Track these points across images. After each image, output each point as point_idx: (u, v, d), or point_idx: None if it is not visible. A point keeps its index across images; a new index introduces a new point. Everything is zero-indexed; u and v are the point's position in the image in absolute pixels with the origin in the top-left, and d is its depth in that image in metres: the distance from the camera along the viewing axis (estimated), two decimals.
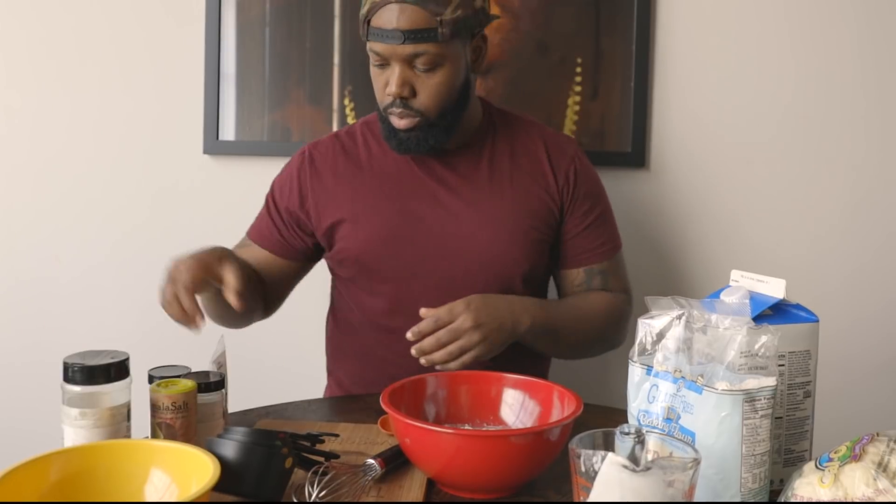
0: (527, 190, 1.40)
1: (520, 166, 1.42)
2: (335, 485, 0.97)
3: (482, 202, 1.39)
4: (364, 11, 1.29)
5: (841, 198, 1.83)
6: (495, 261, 1.38)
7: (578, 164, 1.44)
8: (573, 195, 1.42)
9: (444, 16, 1.25)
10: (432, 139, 1.34)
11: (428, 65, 1.28)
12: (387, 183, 1.41)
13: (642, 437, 0.80)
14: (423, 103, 1.31)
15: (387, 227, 1.39)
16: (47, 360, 1.54)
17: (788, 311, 1.00)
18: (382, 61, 1.30)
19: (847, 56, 1.80)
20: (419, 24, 1.25)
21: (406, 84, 1.29)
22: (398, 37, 1.25)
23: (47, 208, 1.91)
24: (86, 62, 1.88)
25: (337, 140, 1.48)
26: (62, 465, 0.89)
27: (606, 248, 1.45)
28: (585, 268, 1.44)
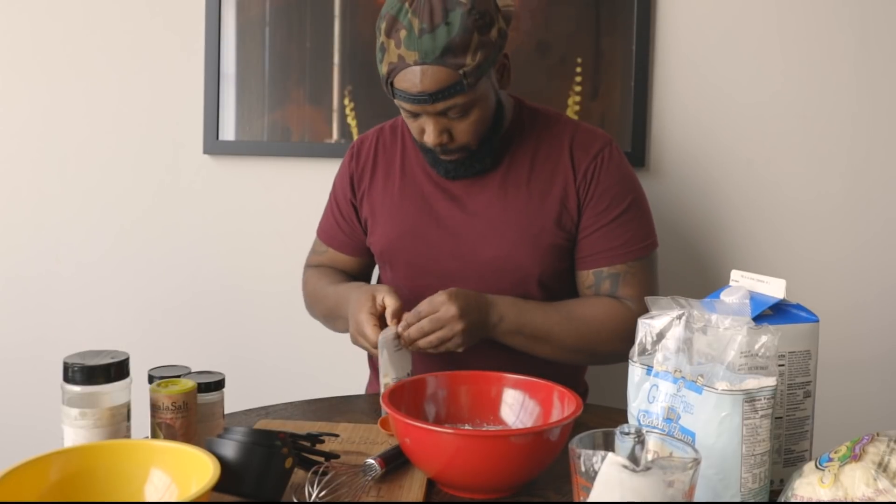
0: (542, 192, 1.39)
1: (539, 168, 1.40)
2: (335, 485, 0.97)
3: (494, 205, 1.39)
4: (384, 72, 1.27)
5: (841, 197, 1.83)
6: (505, 265, 1.38)
7: (601, 161, 1.39)
8: (589, 193, 1.38)
9: (467, 66, 1.23)
10: (479, 164, 1.37)
11: (460, 113, 1.28)
12: (413, 181, 1.43)
13: (642, 437, 0.80)
14: (463, 142, 1.32)
15: (406, 225, 1.42)
16: (47, 359, 1.54)
17: (788, 311, 1.00)
18: (413, 114, 1.30)
19: (847, 55, 1.80)
20: (444, 83, 1.23)
21: (443, 132, 1.30)
22: (426, 100, 1.25)
23: (47, 208, 1.91)
24: (86, 62, 1.88)
25: (380, 134, 1.50)
26: (62, 465, 0.89)
27: (624, 251, 1.38)
28: (594, 270, 1.39)
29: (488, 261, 1.38)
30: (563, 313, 1.35)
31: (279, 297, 1.88)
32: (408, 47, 1.22)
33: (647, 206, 1.45)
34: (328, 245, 1.54)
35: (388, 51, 1.25)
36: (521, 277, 1.38)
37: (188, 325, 1.92)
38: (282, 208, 1.89)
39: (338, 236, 1.53)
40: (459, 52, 1.22)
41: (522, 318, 1.31)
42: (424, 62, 1.22)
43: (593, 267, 1.39)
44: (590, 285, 1.40)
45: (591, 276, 1.40)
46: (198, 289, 1.92)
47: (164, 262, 1.92)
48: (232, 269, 1.91)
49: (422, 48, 1.22)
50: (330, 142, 1.84)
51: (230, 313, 1.92)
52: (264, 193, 1.89)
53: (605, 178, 1.38)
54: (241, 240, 1.90)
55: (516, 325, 1.31)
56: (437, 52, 1.21)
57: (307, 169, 1.86)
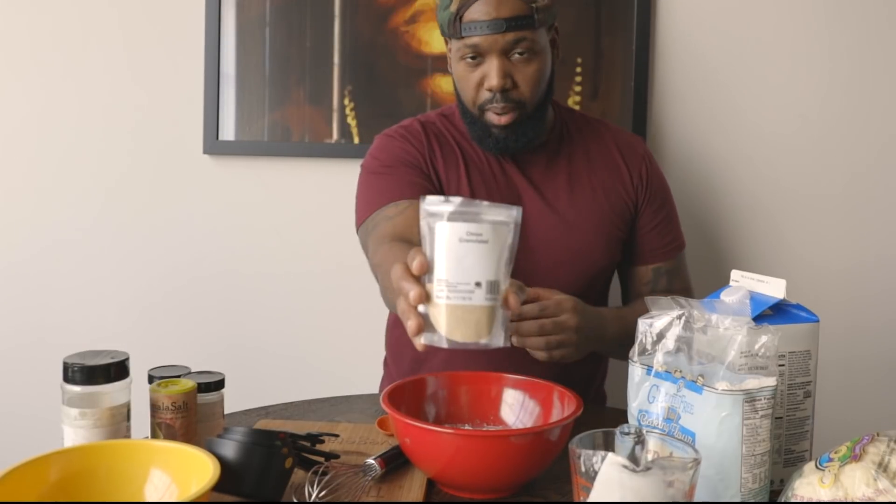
0: (605, 186, 1.42)
1: (596, 165, 1.43)
2: (335, 485, 0.97)
3: (561, 203, 1.39)
4: (453, 10, 1.28)
5: (841, 197, 1.83)
6: (574, 258, 1.39)
7: (649, 162, 1.46)
8: (647, 192, 1.44)
9: (538, 2, 1.28)
10: (531, 132, 1.35)
11: (526, 52, 1.28)
12: (478, 174, 1.40)
13: (642, 437, 0.80)
14: (523, 93, 1.31)
15: None
16: (47, 360, 1.54)
17: (789, 311, 1.00)
18: (477, 54, 1.29)
19: (847, 55, 1.80)
20: (518, 11, 1.26)
21: (507, 75, 1.29)
22: (500, 25, 1.26)
23: (46, 208, 1.91)
24: (85, 62, 1.88)
25: (426, 124, 1.44)
26: (62, 465, 0.89)
27: (672, 246, 1.46)
28: (654, 266, 1.45)
29: (561, 253, 1.38)
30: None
31: (279, 297, 1.88)
32: None
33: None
34: (409, 199, 1.31)
35: None
36: (590, 269, 1.40)
37: (188, 325, 1.92)
38: (282, 208, 1.89)
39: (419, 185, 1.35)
40: None
41: (627, 331, 1.26)
42: None
43: (652, 263, 1.45)
44: (647, 281, 1.46)
45: (650, 271, 1.46)
46: (198, 289, 1.92)
47: (164, 262, 1.92)
48: (232, 269, 1.91)
49: None
50: (330, 142, 1.84)
51: (230, 313, 1.92)
52: (264, 193, 1.89)
53: (654, 177, 1.46)
54: (241, 240, 1.90)
55: (619, 340, 1.28)
56: None
57: (307, 169, 1.86)
